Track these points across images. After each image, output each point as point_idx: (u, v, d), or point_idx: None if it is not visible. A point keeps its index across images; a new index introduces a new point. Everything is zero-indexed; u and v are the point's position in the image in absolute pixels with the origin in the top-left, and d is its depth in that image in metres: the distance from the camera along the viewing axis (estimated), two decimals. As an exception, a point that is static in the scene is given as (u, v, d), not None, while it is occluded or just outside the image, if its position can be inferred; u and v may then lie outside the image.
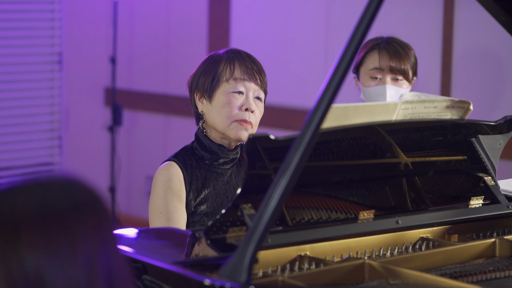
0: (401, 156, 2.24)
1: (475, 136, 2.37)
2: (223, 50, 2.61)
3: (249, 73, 2.54)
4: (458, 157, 2.36)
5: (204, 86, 2.56)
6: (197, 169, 2.53)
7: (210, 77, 2.55)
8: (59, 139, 6.11)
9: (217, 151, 2.55)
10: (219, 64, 2.55)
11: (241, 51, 2.60)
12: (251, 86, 2.54)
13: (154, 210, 2.50)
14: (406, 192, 2.29)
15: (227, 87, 2.53)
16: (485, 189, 2.38)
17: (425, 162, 2.30)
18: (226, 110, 2.51)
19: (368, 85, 3.11)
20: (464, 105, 2.27)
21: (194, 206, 2.51)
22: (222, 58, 2.56)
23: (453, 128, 2.32)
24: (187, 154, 2.56)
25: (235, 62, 2.55)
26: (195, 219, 2.50)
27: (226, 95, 2.52)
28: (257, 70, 2.56)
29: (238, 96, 2.53)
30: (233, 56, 2.56)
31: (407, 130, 2.23)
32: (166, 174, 2.50)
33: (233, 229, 2.00)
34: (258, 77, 2.55)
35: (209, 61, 2.58)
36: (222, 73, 2.54)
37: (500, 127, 2.39)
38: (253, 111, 2.53)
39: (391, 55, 3.08)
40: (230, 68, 2.54)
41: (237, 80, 2.53)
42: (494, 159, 2.41)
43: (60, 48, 6.03)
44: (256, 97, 2.55)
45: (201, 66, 2.60)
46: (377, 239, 2.17)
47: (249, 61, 2.57)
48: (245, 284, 1.68)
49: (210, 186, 2.53)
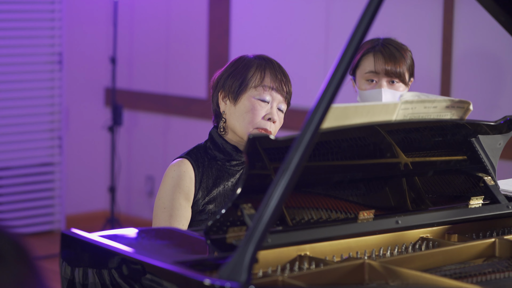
0: (401, 156, 2.24)
1: (475, 136, 2.37)
2: (252, 55, 2.63)
3: (277, 83, 2.56)
4: (458, 157, 2.36)
5: (232, 87, 2.57)
6: (209, 168, 2.55)
7: (239, 80, 2.56)
8: (59, 139, 6.11)
9: (230, 152, 2.57)
10: (249, 68, 2.57)
11: (272, 60, 2.62)
12: (277, 97, 2.57)
13: (159, 204, 2.52)
14: (406, 192, 2.29)
15: (254, 93, 2.55)
16: (485, 189, 2.38)
17: (425, 162, 2.30)
18: (250, 116, 2.54)
19: (364, 88, 3.10)
20: (464, 105, 2.27)
21: (203, 205, 2.53)
22: (254, 63, 2.58)
23: (453, 128, 2.32)
24: (200, 152, 2.58)
25: (266, 70, 2.57)
26: (203, 218, 2.52)
27: (251, 101, 2.54)
28: (285, 82, 2.59)
29: (263, 104, 2.55)
30: (264, 64, 2.58)
31: (407, 130, 2.23)
32: (177, 171, 2.52)
33: (233, 229, 2.00)
34: (285, 89, 2.58)
35: (239, 64, 2.60)
36: (252, 78, 2.56)
37: (500, 127, 2.39)
38: (275, 122, 2.56)
39: (386, 58, 3.07)
40: (260, 75, 2.56)
41: (265, 88, 2.55)
42: (494, 159, 2.41)
43: (60, 48, 6.03)
44: (279, 108, 2.58)
45: (230, 66, 2.61)
46: (377, 239, 2.17)
47: (279, 71, 2.59)
48: (245, 284, 1.68)
49: (220, 185, 2.55)
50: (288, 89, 2.59)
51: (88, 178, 6.40)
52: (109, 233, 2.13)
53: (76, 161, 6.31)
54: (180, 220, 2.48)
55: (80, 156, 6.34)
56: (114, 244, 1.99)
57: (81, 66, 6.26)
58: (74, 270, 2.08)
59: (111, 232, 2.16)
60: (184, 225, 2.49)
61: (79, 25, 6.22)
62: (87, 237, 2.05)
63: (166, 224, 2.49)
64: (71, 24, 6.15)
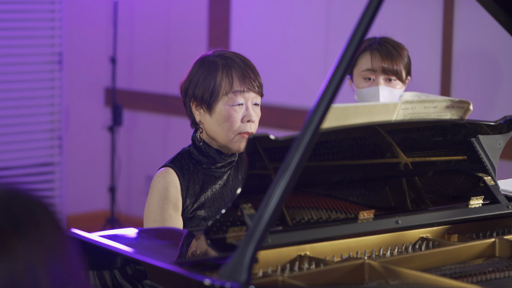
0: (401, 156, 2.24)
1: (475, 136, 2.37)
2: (213, 53, 2.55)
3: (247, 83, 2.50)
4: (458, 157, 2.36)
5: (203, 97, 2.51)
6: (195, 173, 2.52)
7: (208, 89, 2.50)
8: (59, 139, 6.12)
9: (214, 156, 2.54)
10: (216, 74, 2.50)
11: (234, 57, 2.54)
12: (249, 96, 2.51)
13: (149, 218, 2.48)
14: (406, 192, 2.29)
15: (227, 100, 2.50)
16: (485, 189, 2.38)
17: (425, 162, 2.30)
18: (228, 124, 2.49)
19: (361, 86, 3.11)
20: (464, 105, 2.27)
21: (192, 212, 2.49)
22: (218, 67, 2.51)
23: (453, 128, 2.32)
24: (184, 158, 2.53)
25: (233, 73, 2.50)
26: (193, 224, 2.49)
27: (226, 108, 2.49)
28: (253, 77, 2.52)
29: (238, 108, 2.50)
30: (229, 64, 2.51)
31: (407, 130, 2.23)
32: (162, 182, 2.49)
33: (233, 229, 2.00)
34: (256, 84, 2.52)
35: (204, 69, 2.52)
36: (221, 86, 2.49)
37: (500, 127, 2.39)
38: (254, 121, 2.52)
39: (383, 56, 3.08)
40: (228, 80, 2.49)
41: (237, 92, 2.49)
42: (494, 159, 2.41)
43: (60, 48, 6.03)
44: (254, 103, 2.54)
45: (195, 73, 2.54)
46: (377, 239, 2.17)
47: (245, 68, 2.52)
48: (245, 284, 1.68)
49: (208, 190, 2.52)
50: (258, 82, 2.53)
51: (88, 178, 6.40)
52: (109, 233, 2.13)
53: (76, 161, 6.31)
54: None
55: (80, 156, 6.34)
56: (114, 244, 1.99)
57: (81, 66, 6.26)
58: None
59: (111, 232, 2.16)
60: None
61: (79, 25, 6.22)
62: (87, 237, 2.05)
63: None
64: (71, 24, 6.15)
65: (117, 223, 5.93)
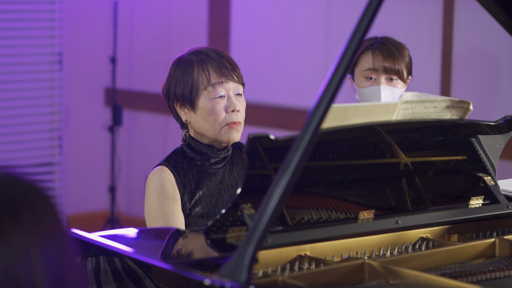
0: (401, 156, 2.24)
1: (475, 136, 2.37)
2: (187, 53, 2.56)
3: (224, 74, 2.51)
4: (458, 157, 2.36)
5: (184, 96, 2.52)
6: (189, 171, 2.52)
7: (187, 86, 2.51)
8: (59, 139, 6.12)
9: (207, 152, 2.54)
10: (192, 70, 2.51)
11: (208, 51, 2.54)
12: (229, 86, 2.51)
13: (151, 216, 2.48)
14: (406, 192, 2.29)
15: (207, 94, 2.50)
16: (485, 189, 2.38)
17: (425, 162, 2.30)
18: (213, 117, 2.50)
19: (362, 86, 3.11)
20: (464, 105, 2.27)
21: (189, 208, 2.50)
22: (193, 63, 2.51)
23: (453, 128, 2.32)
24: (178, 157, 2.54)
25: (208, 66, 2.50)
26: (191, 221, 2.49)
27: (209, 102, 2.50)
28: (230, 67, 2.52)
29: (221, 100, 2.50)
30: (203, 59, 2.51)
31: (407, 130, 2.23)
32: (158, 179, 2.49)
33: (233, 229, 2.00)
34: (234, 74, 2.52)
35: (180, 69, 2.53)
36: (199, 81, 2.50)
37: (500, 127, 2.39)
38: (239, 110, 2.52)
39: (384, 56, 3.08)
40: (205, 74, 2.50)
41: (215, 85, 2.49)
42: (494, 159, 2.41)
43: (60, 48, 6.03)
44: (237, 93, 2.53)
45: (172, 74, 2.55)
46: (377, 239, 2.17)
47: (220, 60, 2.52)
48: (245, 284, 1.68)
49: (203, 187, 2.52)
50: (237, 72, 2.53)
51: (88, 178, 6.40)
52: (109, 233, 2.13)
53: (76, 161, 6.31)
54: (177, 225, 2.45)
55: (80, 156, 6.34)
56: (114, 244, 1.99)
57: (81, 66, 6.26)
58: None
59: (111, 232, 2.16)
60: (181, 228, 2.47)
61: (79, 25, 6.22)
62: (87, 237, 2.05)
63: None
64: (71, 24, 6.15)
65: (117, 223, 5.93)
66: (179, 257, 2.00)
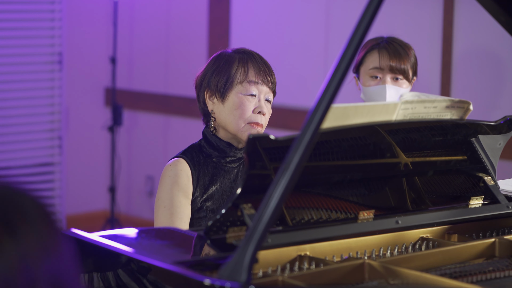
0: (401, 156, 2.24)
1: (475, 136, 2.37)
2: (231, 50, 2.63)
3: (262, 76, 2.58)
4: (458, 157, 2.36)
5: (218, 86, 2.58)
6: (205, 166, 2.57)
7: (223, 77, 2.57)
8: (59, 139, 6.11)
9: (225, 149, 2.59)
10: (232, 64, 2.58)
11: (252, 52, 2.62)
12: (263, 89, 2.58)
13: (159, 204, 2.54)
14: (406, 192, 2.29)
15: (241, 89, 2.56)
16: (485, 189, 2.38)
17: (425, 162, 2.30)
18: (240, 112, 2.55)
19: (368, 85, 3.12)
20: (464, 105, 2.27)
21: (201, 202, 2.55)
22: (235, 59, 2.58)
23: (453, 128, 2.32)
24: (195, 151, 2.59)
25: (249, 64, 2.58)
26: (201, 215, 2.54)
27: (239, 97, 2.56)
28: (268, 72, 2.60)
29: (251, 98, 2.56)
30: (246, 57, 2.59)
31: (407, 130, 2.23)
32: (174, 170, 2.54)
33: (233, 229, 2.00)
34: (270, 80, 2.60)
35: (221, 60, 2.60)
36: (236, 74, 2.57)
37: (500, 127, 2.39)
38: (265, 114, 2.58)
39: (391, 55, 3.09)
40: (244, 70, 2.57)
41: (251, 82, 2.56)
42: (494, 159, 2.41)
43: (60, 48, 6.03)
44: (266, 99, 2.60)
45: (211, 64, 2.62)
46: (377, 239, 2.17)
47: (261, 63, 2.60)
48: (245, 284, 1.68)
49: (217, 183, 2.57)
50: (272, 79, 2.61)
51: (88, 178, 6.40)
52: (109, 233, 2.13)
53: (76, 161, 6.31)
54: (182, 218, 2.50)
55: (80, 156, 6.34)
56: (114, 244, 1.99)
57: (81, 66, 6.26)
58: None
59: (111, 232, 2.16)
60: (185, 222, 2.51)
61: (79, 25, 6.22)
62: (87, 237, 2.05)
63: (168, 222, 2.50)
64: (71, 24, 6.15)
65: (117, 223, 5.93)
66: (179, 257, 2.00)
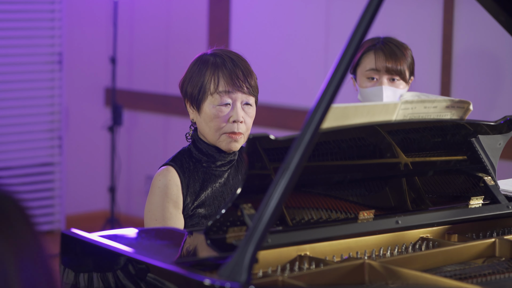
0: (401, 156, 2.24)
1: (475, 136, 2.37)
2: (211, 51, 2.56)
3: (234, 84, 2.48)
4: (458, 157, 2.36)
5: (192, 96, 2.53)
6: (195, 172, 2.52)
7: (196, 88, 2.51)
8: (59, 139, 6.11)
9: (213, 154, 2.54)
10: (205, 74, 2.50)
11: (226, 56, 2.52)
12: (237, 96, 2.50)
13: (150, 217, 2.49)
14: (406, 192, 2.29)
15: (213, 100, 2.50)
16: (485, 189, 2.38)
17: (425, 162, 2.30)
18: (214, 123, 2.49)
19: (365, 86, 3.11)
20: (464, 105, 2.27)
21: (192, 209, 2.50)
22: (208, 66, 2.50)
23: (453, 128, 2.32)
24: (185, 157, 2.54)
25: (219, 73, 2.49)
26: (194, 222, 2.50)
27: (212, 108, 2.49)
28: (242, 77, 2.50)
29: (225, 108, 2.49)
30: (217, 64, 2.50)
31: (407, 130, 2.23)
32: (163, 180, 2.49)
33: (233, 229, 2.00)
34: (245, 85, 2.50)
35: (196, 68, 2.53)
36: (208, 85, 2.50)
37: (500, 127, 2.39)
38: (241, 121, 2.50)
39: (387, 56, 3.08)
40: (214, 81, 2.49)
41: (222, 93, 2.49)
42: (494, 159, 2.41)
43: (60, 48, 6.03)
44: (245, 103, 2.52)
45: (188, 71, 2.56)
46: (377, 239, 2.17)
47: (234, 68, 2.49)
48: (245, 284, 1.68)
49: (208, 188, 2.52)
50: (249, 82, 2.50)
51: (88, 178, 6.40)
52: (109, 233, 2.13)
53: (76, 161, 6.31)
54: None
55: (80, 156, 6.34)
56: (115, 244, 1.99)
57: (81, 66, 6.25)
58: (76, 270, 2.08)
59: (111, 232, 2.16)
60: None
61: (79, 25, 6.22)
62: (87, 237, 2.05)
63: None
64: (71, 24, 6.15)
65: (117, 223, 5.93)
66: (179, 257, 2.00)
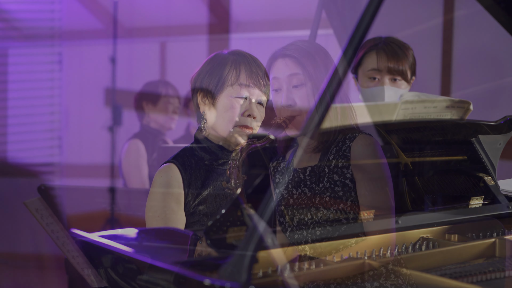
0: (401, 156, 2.24)
1: (475, 136, 2.37)
2: (227, 51, 2.59)
3: (254, 79, 2.53)
4: (458, 157, 2.36)
5: (209, 87, 2.55)
6: (197, 169, 2.53)
7: (215, 79, 2.54)
8: (59, 139, 6.11)
9: (216, 151, 2.55)
10: (224, 66, 2.54)
11: (246, 54, 2.58)
12: (254, 92, 2.53)
13: (151, 213, 2.49)
14: (406, 192, 2.29)
15: (231, 91, 2.52)
16: (485, 189, 2.38)
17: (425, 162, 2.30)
18: (229, 114, 2.51)
19: (366, 86, 3.11)
20: (464, 105, 2.27)
21: (193, 207, 2.50)
22: (228, 61, 2.55)
23: (453, 128, 2.32)
24: (187, 155, 2.55)
25: (241, 67, 2.54)
26: (195, 219, 2.50)
27: (229, 99, 2.52)
28: (261, 75, 2.55)
29: (242, 101, 2.52)
30: (239, 60, 2.55)
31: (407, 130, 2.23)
32: (164, 177, 2.50)
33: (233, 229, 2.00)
34: (263, 83, 2.55)
35: (214, 62, 2.57)
36: (228, 77, 2.53)
37: (500, 127, 2.39)
38: (255, 117, 2.53)
39: (389, 56, 3.08)
40: (236, 73, 2.53)
41: (242, 85, 2.52)
42: (494, 159, 2.41)
43: (60, 48, 6.03)
44: (259, 102, 2.55)
45: (205, 65, 2.58)
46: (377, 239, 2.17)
47: (254, 65, 2.55)
48: (245, 284, 1.68)
49: (209, 186, 2.52)
50: (265, 82, 2.55)
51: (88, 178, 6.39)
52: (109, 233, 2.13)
53: (76, 161, 6.31)
54: (176, 225, 2.46)
55: (80, 156, 6.33)
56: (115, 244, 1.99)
57: (81, 66, 6.25)
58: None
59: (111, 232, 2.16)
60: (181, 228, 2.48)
61: (79, 25, 6.22)
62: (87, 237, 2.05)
63: None
64: (71, 24, 6.15)
65: (117, 223, 5.93)
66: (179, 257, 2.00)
